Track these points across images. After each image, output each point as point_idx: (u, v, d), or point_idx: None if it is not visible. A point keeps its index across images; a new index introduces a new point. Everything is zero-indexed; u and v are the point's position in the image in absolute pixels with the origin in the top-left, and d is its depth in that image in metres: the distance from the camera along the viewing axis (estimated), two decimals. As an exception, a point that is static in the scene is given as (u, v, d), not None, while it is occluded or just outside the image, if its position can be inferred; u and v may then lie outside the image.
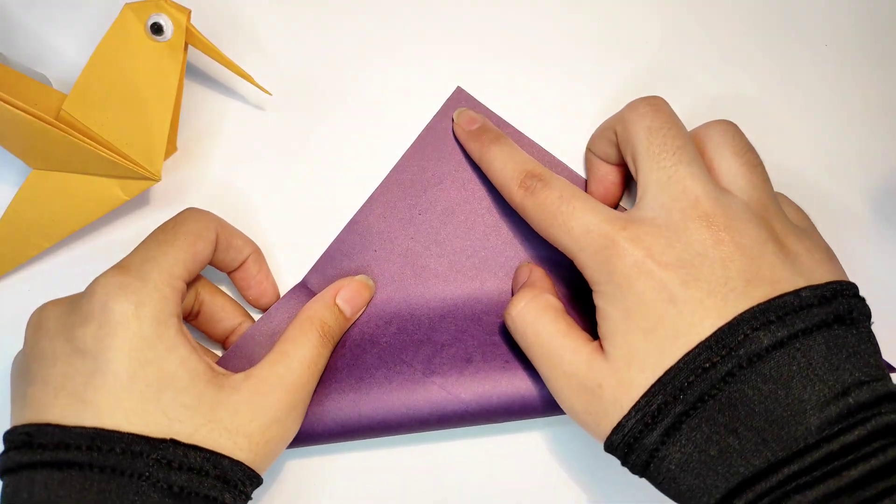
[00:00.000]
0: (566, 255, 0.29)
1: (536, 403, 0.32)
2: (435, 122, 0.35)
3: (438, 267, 0.34)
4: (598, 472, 0.34)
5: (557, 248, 0.29)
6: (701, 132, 0.29)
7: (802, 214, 0.31)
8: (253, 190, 0.35)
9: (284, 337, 0.30)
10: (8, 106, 0.29)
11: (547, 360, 0.29)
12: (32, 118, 0.29)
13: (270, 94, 0.34)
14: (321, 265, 0.34)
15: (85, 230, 0.34)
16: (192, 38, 0.31)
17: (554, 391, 0.29)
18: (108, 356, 0.26)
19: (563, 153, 0.35)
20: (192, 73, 0.35)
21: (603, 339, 0.28)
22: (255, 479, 0.28)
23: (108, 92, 0.31)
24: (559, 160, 0.35)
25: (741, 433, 0.25)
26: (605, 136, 0.32)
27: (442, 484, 0.34)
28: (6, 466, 0.26)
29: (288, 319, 0.33)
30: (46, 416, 0.26)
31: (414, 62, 0.36)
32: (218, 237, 0.31)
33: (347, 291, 0.33)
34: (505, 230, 0.34)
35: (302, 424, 0.31)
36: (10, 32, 0.35)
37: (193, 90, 0.35)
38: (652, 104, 0.29)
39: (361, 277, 0.33)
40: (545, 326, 0.29)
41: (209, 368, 0.28)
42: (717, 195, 0.27)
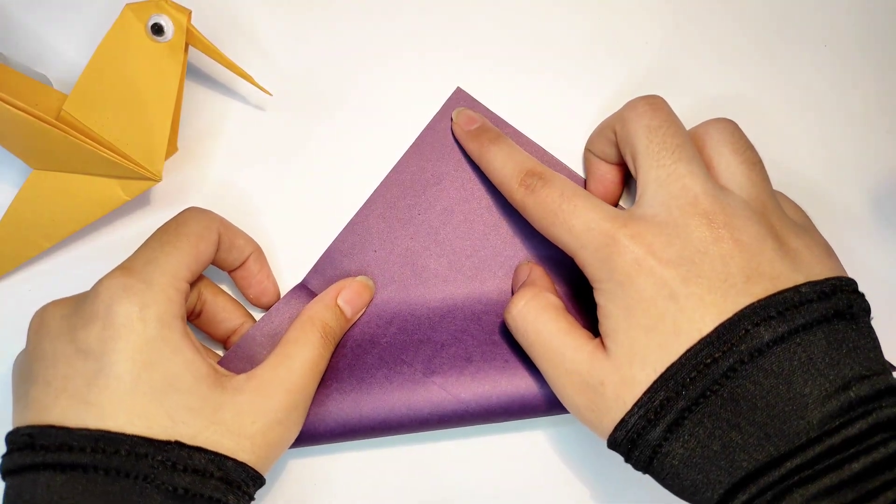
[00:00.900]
0: (567, 252, 0.29)
1: (537, 403, 0.32)
2: (434, 122, 0.35)
3: (438, 267, 0.34)
4: (599, 470, 0.34)
5: (558, 245, 0.29)
6: (700, 130, 0.30)
7: (801, 212, 0.31)
8: (253, 190, 0.35)
9: (286, 338, 0.30)
10: (8, 106, 0.29)
11: (549, 358, 0.29)
12: (33, 118, 0.29)
13: (271, 94, 0.34)
14: (321, 265, 0.34)
15: (85, 230, 0.34)
16: (192, 38, 0.31)
17: (556, 389, 0.29)
18: (112, 358, 0.26)
19: (562, 153, 0.35)
20: (192, 73, 0.35)
21: (604, 336, 0.28)
22: (258, 479, 0.28)
23: (108, 92, 0.31)
24: (559, 160, 0.35)
25: (743, 428, 0.25)
26: (603, 135, 0.32)
27: (443, 483, 0.34)
28: (8, 468, 0.26)
29: (289, 320, 0.33)
30: (48, 417, 0.26)
31: (414, 62, 0.36)
32: (220, 237, 0.31)
33: (348, 292, 0.33)
34: (504, 229, 0.34)
35: (303, 425, 0.31)
36: (10, 32, 0.35)
37: (194, 91, 0.35)
38: (651, 103, 0.29)
39: (362, 279, 0.34)
40: (546, 325, 0.29)
41: (213, 370, 0.28)
42: (715, 193, 0.27)
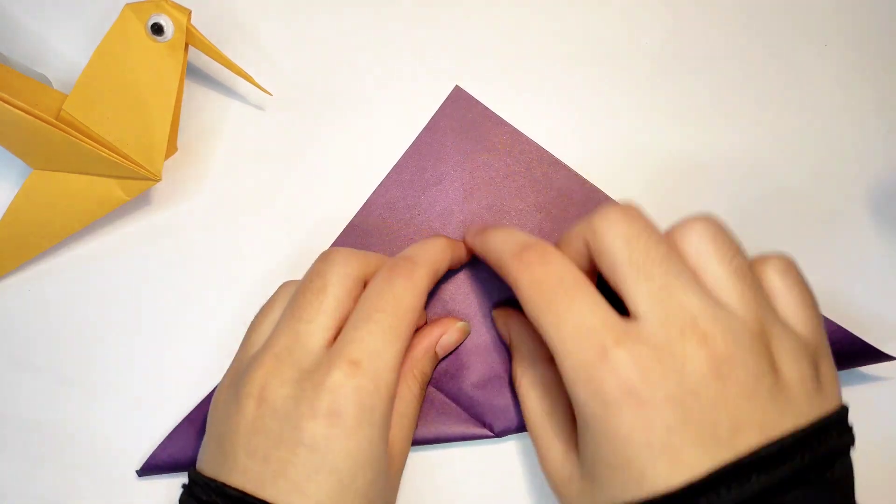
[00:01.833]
0: (547, 346, 0.26)
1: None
2: (433, 122, 0.35)
3: (438, 267, 0.34)
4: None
5: (541, 335, 0.26)
6: (677, 235, 0.26)
7: (805, 301, 0.27)
8: (253, 190, 0.35)
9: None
10: (8, 106, 0.29)
11: (532, 434, 0.30)
12: (33, 118, 0.29)
13: (271, 94, 0.34)
14: (321, 265, 0.34)
15: (85, 230, 0.34)
16: (192, 38, 0.31)
17: (538, 458, 0.30)
18: (335, 457, 0.26)
19: (561, 152, 0.35)
20: (192, 73, 0.35)
21: (578, 441, 0.27)
22: None
23: (108, 92, 0.31)
24: (557, 159, 0.35)
25: None
26: (572, 245, 0.28)
27: (443, 486, 0.34)
28: None
29: None
30: (263, 492, 0.26)
31: (414, 61, 0.36)
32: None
33: (448, 340, 0.33)
34: (505, 230, 0.34)
35: None
36: (10, 32, 0.35)
37: (194, 90, 0.35)
38: (625, 212, 0.26)
39: (463, 325, 0.33)
40: (531, 404, 0.30)
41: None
42: (714, 312, 0.24)
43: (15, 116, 0.29)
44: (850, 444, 0.25)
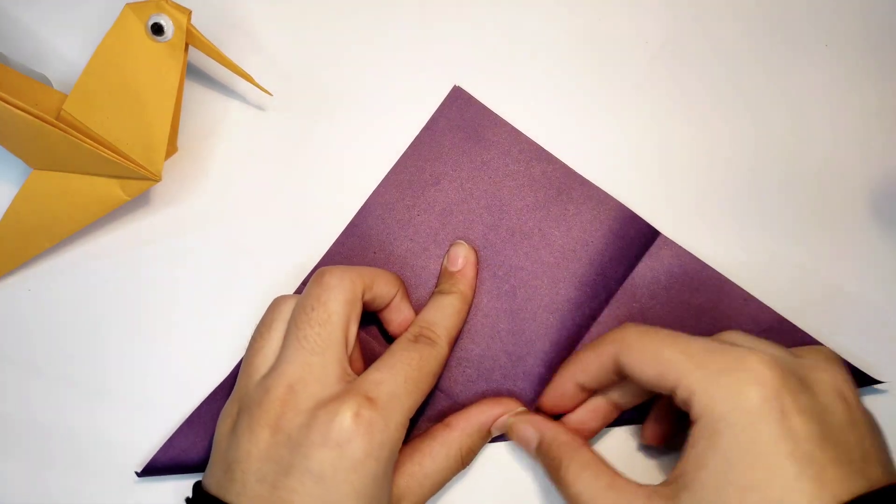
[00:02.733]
0: (667, 379, 0.26)
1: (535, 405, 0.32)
2: (432, 122, 0.35)
3: (438, 267, 0.34)
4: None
5: (641, 377, 0.27)
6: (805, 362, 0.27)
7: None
8: (253, 190, 0.35)
9: (427, 452, 0.30)
10: (8, 106, 0.29)
11: None
12: (33, 118, 0.29)
13: (271, 94, 0.34)
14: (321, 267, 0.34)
15: (86, 230, 0.34)
16: (192, 38, 0.31)
17: None
18: (341, 489, 0.26)
19: (560, 151, 0.35)
20: (192, 73, 0.35)
21: (679, 481, 0.25)
22: None
23: (108, 92, 0.31)
24: (557, 157, 0.35)
25: None
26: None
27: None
28: None
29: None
30: None
31: (414, 61, 0.36)
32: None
33: (506, 421, 0.32)
34: (503, 228, 0.34)
35: None
36: (10, 32, 0.35)
37: (194, 90, 0.35)
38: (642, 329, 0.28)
39: (523, 411, 0.32)
40: (585, 484, 0.27)
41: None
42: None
43: (15, 116, 0.29)
44: None
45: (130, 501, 0.34)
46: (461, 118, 0.35)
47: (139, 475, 0.33)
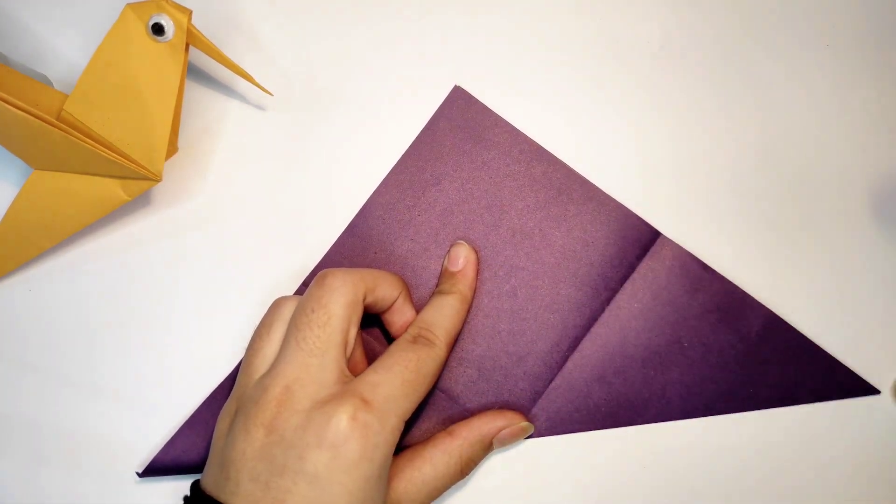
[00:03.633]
0: None
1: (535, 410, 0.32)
2: (432, 122, 0.35)
3: (439, 268, 0.34)
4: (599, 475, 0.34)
5: None
6: None
7: None
8: (253, 190, 0.35)
9: (427, 457, 0.30)
10: (9, 106, 0.29)
11: None
12: (33, 118, 0.29)
13: (271, 94, 0.34)
14: (321, 268, 0.34)
15: (86, 230, 0.34)
16: (193, 38, 0.31)
17: None
18: (334, 490, 0.26)
19: (561, 152, 0.35)
20: (192, 73, 0.35)
21: None
22: None
23: (109, 92, 0.31)
24: (557, 157, 0.35)
25: None
26: None
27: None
28: None
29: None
30: None
31: (414, 61, 0.36)
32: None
33: (508, 433, 0.32)
34: (504, 228, 0.34)
35: None
36: (10, 32, 0.35)
37: (194, 90, 0.35)
38: None
39: (527, 425, 0.33)
40: None
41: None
42: None
43: (16, 116, 0.29)
44: None
45: (131, 502, 0.34)
46: (462, 118, 0.35)
47: (140, 476, 0.33)
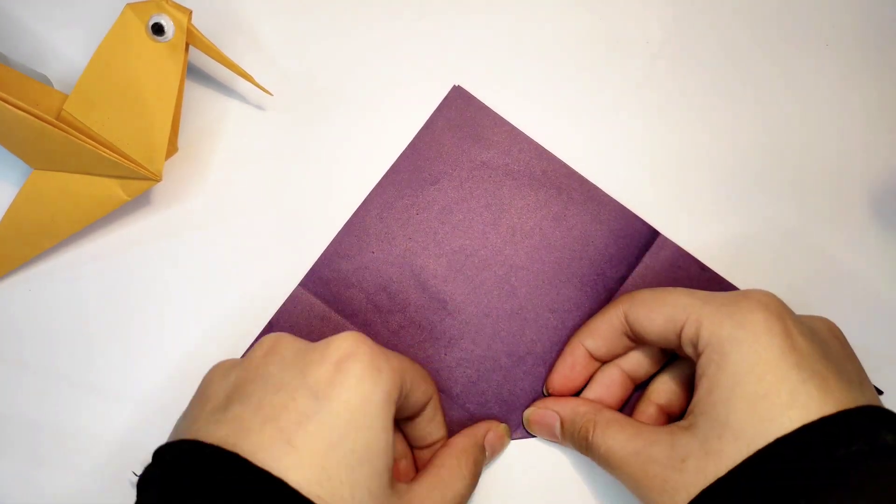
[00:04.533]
0: (675, 320, 0.27)
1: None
2: (431, 120, 0.35)
3: (438, 267, 0.34)
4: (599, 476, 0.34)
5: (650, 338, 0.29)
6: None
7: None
8: (253, 190, 0.35)
9: (442, 461, 0.30)
10: (9, 106, 0.29)
11: (625, 464, 0.27)
12: (33, 118, 0.29)
13: (271, 94, 0.34)
14: (319, 267, 0.34)
15: (86, 230, 0.34)
16: (193, 38, 0.31)
17: (637, 490, 0.27)
18: (333, 405, 0.25)
19: (560, 151, 0.35)
20: (192, 73, 0.35)
21: (693, 412, 0.26)
22: None
23: (109, 92, 0.31)
24: (557, 157, 0.35)
25: None
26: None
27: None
28: (165, 480, 0.25)
29: (289, 327, 0.33)
30: (242, 443, 0.24)
31: (413, 61, 0.36)
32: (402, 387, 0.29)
33: (494, 435, 0.32)
34: (504, 227, 0.34)
35: None
36: (10, 32, 0.35)
37: (194, 90, 0.35)
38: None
39: (504, 427, 0.33)
40: (613, 439, 0.28)
41: (395, 467, 0.28)
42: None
43: (15, 116, 0.29)
44: None
45: (130, 502, 0.33)
46: (461, 117, 0.35)
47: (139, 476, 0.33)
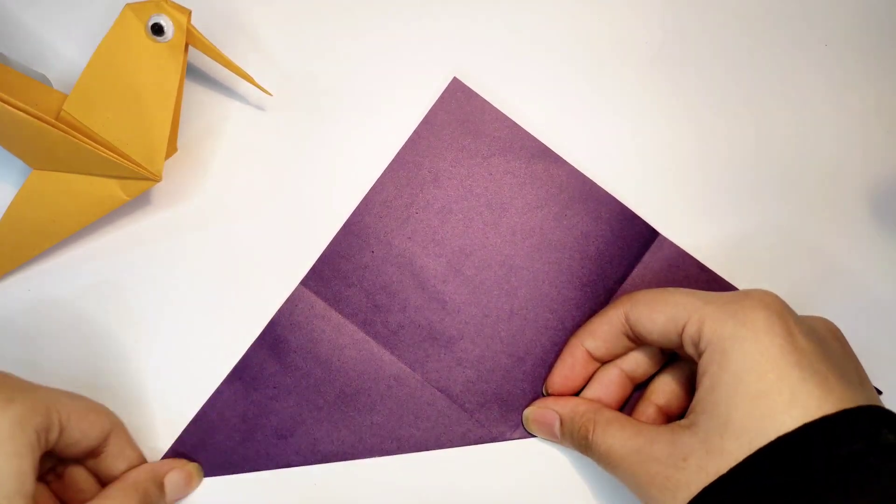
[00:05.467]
0: (677, 320, 0.27)
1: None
2: (430, 115, 0.34)
3: (437, 266, 0.34)
4: (597, 477, 0.34)
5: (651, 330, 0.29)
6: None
7: None
8: (253, 190, 0.35)
9: (107, 493, 0.30)
10: (8, 106, 0.29)
11: (627, 462, 0.27)
12: (33, 118, 0.29)
13: (271, 94, 0.34)
14: (319, 267, 0.34)
15: (85, 230, 0.34)
16: (192, 38, 0.31)
17: (636, 488, 0.27)
18: None
19: (561, 148, 0.35)
20: (192, 73, 0.35)
21: (695, 410, 0.26)
22: None
23: (108, 92, 0.31)
24: (556, 153, 0.35)
25: None
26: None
27: (447, 488, 0.34)
28: None
29: (290, 326, 0.33)
30: None
31: (413, 60, 0.36)
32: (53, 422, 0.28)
33: (178, 475, 0.32)
34: (504, 227, 0.34)
35: (309, 436, 0.32)
36: (10, 32, 0.35)
37: (194, 91, 0.35)
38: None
39: (194, 466, 0.33)
40: (613, 437, 0.28)
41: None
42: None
43: (15, 116, 0.29)
44: None
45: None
46: (461, 112, 0.34)
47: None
